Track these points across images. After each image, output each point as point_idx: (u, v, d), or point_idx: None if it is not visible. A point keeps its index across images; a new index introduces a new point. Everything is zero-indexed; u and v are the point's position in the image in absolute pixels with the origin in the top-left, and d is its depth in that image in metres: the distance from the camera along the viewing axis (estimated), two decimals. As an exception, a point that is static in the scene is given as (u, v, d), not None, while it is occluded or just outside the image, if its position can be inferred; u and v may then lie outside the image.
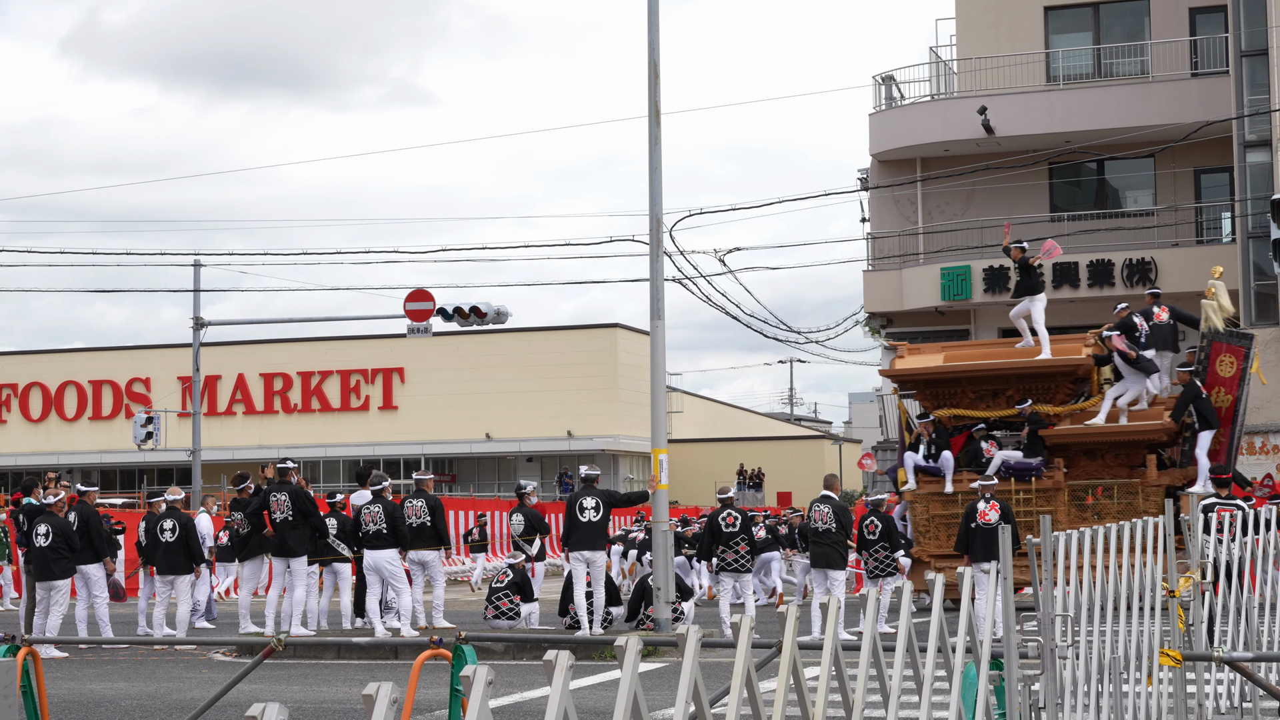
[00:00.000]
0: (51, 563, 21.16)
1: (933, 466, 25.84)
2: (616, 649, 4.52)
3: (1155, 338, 25.48)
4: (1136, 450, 25.05)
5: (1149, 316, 25.51)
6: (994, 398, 25.73)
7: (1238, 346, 24.58)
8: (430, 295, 36.68)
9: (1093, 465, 25.07)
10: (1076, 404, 25.70)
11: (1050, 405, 25.33)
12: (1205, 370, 24.77)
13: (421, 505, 22.29)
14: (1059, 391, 25.47)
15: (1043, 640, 7.75)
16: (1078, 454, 25.38)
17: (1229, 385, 24.36)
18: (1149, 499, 24.49)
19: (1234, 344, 24.63)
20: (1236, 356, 24.43)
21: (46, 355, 75.59)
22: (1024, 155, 40.93)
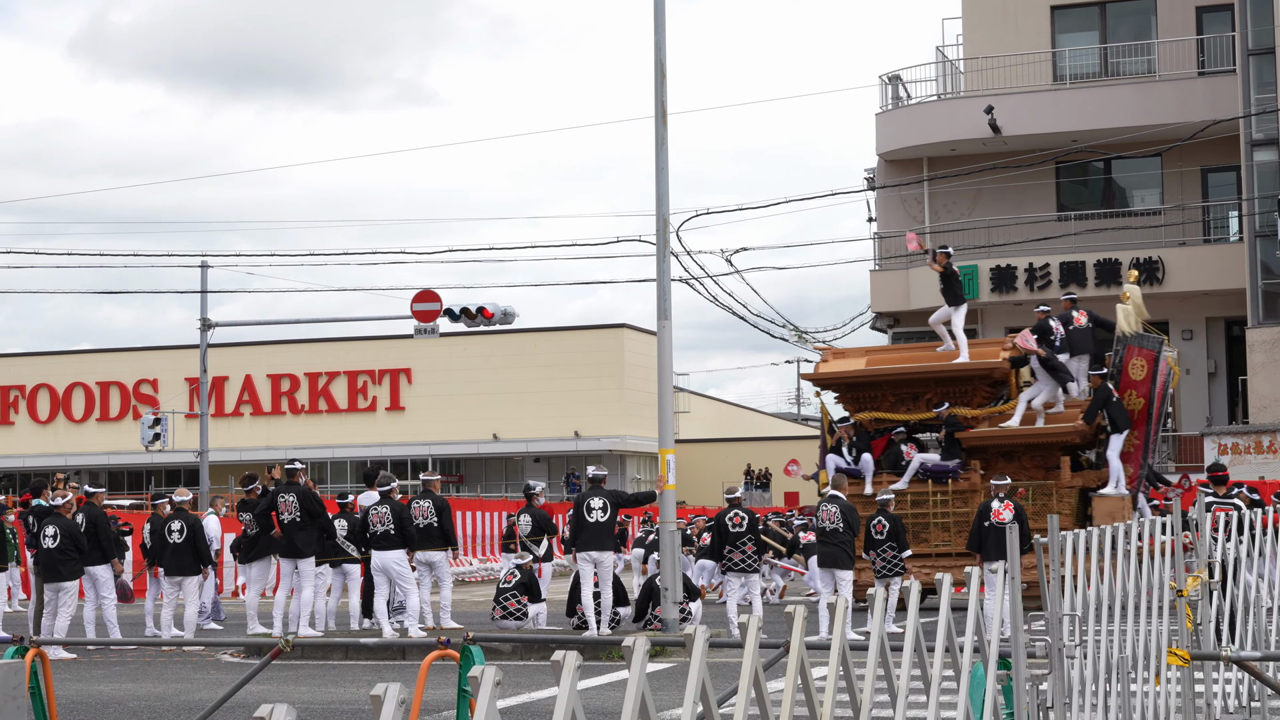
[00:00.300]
0: (59, 564, 21.18)
1: (853, 469, 26.03)
2: (624, 649, 4.53)
3: (1073, 342, 25.75)
4: (1052, 452, 25.30)
5: (1068, 321, 25.81)
6: (914, 401, 26.06)
7: (1148, 350, 24.89)
8: (437, 296, 36.69)
9: (1010, 467, 25.24)
10: (995, 407, 25.96)
11: (968, 408, 25.66)
12: (1119, 373, 25.02)
13: (429, 506, 22.29)
14: (976, 394, 25.78)
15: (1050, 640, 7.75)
16: (995, 456, 25.67)
17: (1141, 388, 24.65)
18: (1063, 500, 24.85)
19: (1145, 347, 24.95)
20: (1147, 360, 24.75)
21: (54, 357, 75.63)
22: (1031, 154, 40.92)
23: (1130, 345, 24.91)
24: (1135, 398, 24.52)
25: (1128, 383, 24.58)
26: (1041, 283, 40.59)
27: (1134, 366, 24.42)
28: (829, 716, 5.34)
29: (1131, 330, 24.96)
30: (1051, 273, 40.57)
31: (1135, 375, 24.38)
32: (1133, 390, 24.51)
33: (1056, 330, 25.62)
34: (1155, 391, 24.77)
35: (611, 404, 67.89)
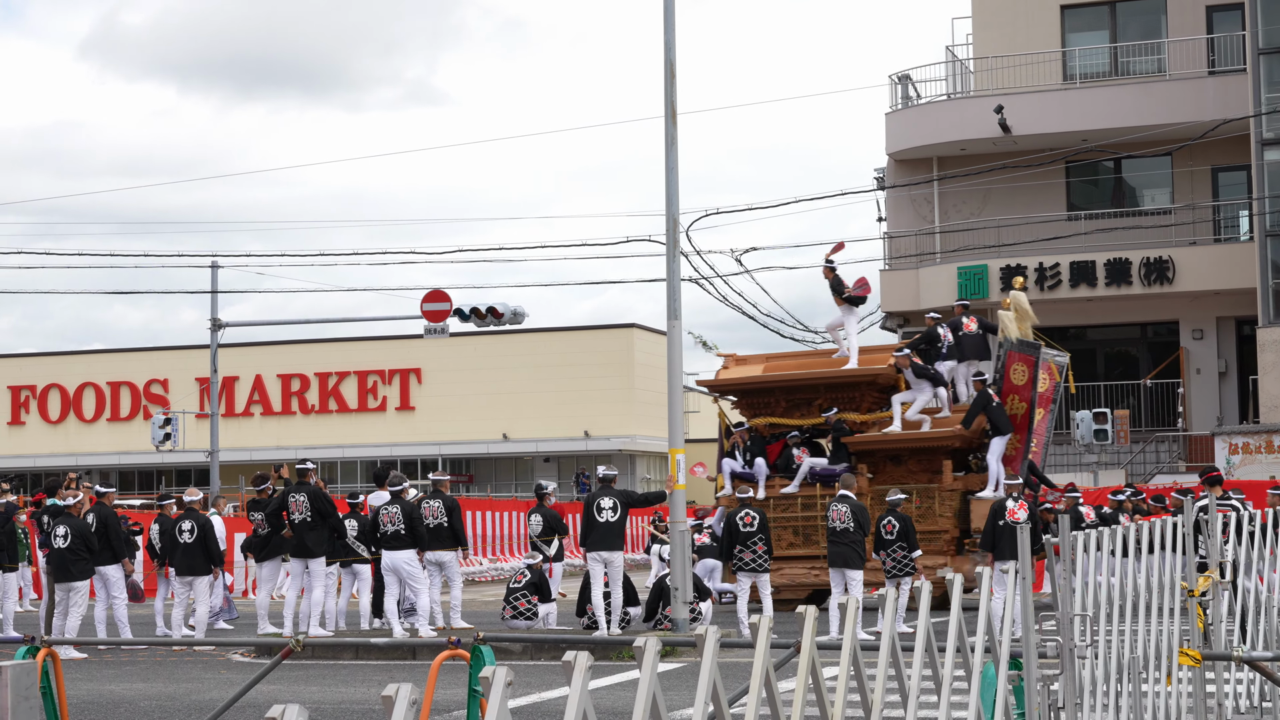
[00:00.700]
0: (70, 564, 21.21)
1: (747, 472, 26.44)
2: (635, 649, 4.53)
3: (963, 348, 26.25)
4: (935, 456, 25.70)
5: (957, 327, 26.34)
6: (806, 406, 26.58)
7: (1029, 355, 25.29)
8: (447, 296, 36.72)
9: (898, 471, 25.75)
10: (884, 412, 26.38)
11: (857, 413, 26.18)
12: (1002, 378, 25.42)
13: (439, 506, 22.30)
14: (864, 400, 26.31)
15: (1062, 640, 7.74)
16: (884, 460, 26.18)
17: (1023, 392, 25.04)
18: (944, 503, 25.37)
19: (1025, 353, 25.35)
20: (1028, 365, 25.15)
21: (65, 357, 75.76)
22: (1041, 154, 40.87)
23: (1012, 351, 25.28)
24: (1018, 402, 24.89)
25: (1010, 388, 24.96)
26: (1051, 282, 40.56)
27: (1015, 371, 24.77)
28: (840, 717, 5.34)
29: (1015, 336, 25.35)
30: (1061, 272, 40.53)
31: (1017, 380, 24.73)
32: (1015, 395, 24.89)
33: (944, 337, 26.15)
34: (1037, 396, 25.18)
35: (621, 404, 67.92)
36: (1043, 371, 25.26)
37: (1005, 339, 25.71)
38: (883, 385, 26.33)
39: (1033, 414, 25.13)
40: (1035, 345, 25.39)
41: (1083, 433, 36.83)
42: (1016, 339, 25.57)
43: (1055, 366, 25.62)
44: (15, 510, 23.88)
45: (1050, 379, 25.31)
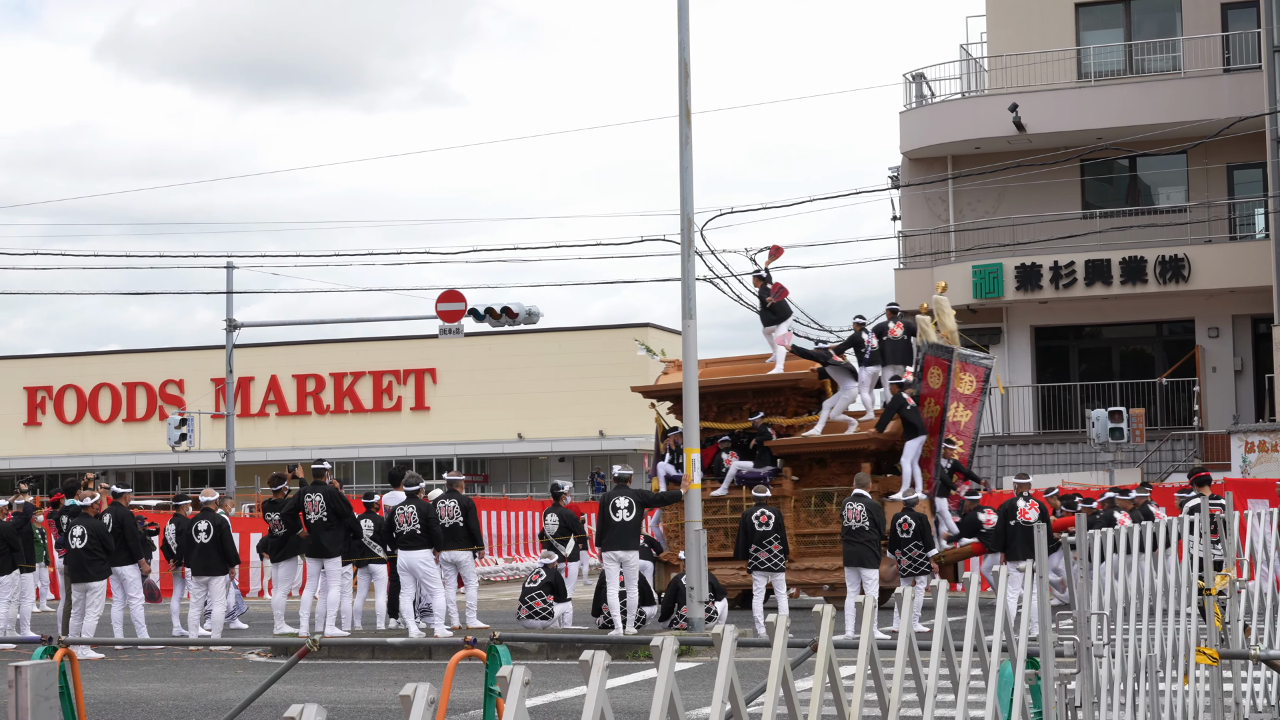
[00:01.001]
0: (87, 564, 21.25)
1: (679, 475, 26.31)
2: (653, 649, 4.53)
3: (885, 352, 26.37)
4: (855, 459, 25.96)
5: (882, 332, 26.49)
6: (736, 411, 27.03)
7: (943, 359, 25.69)
8: (462, 296, 36.77)
9: (823, 473, 26.08)
10: (812, 415, 26.74)
11: (783, 417, 26.57)
12: (920, 381, 25.80)
13: (454, 506, 22.31)
14: (790, 404, 26.71)
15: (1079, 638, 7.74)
16: (809, 463, 26.56)
17: (939, 396, 25.48)
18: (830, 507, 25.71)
19: (939, 356, 25.75)
20: (942, 368, 25.58)
21: (81, 358, 75.90)
22: (1055, 152, 40.82)
23: (928, 355, 25.67)
24: (934, 405, 25.31)
25: (927, 391, 25.36)
26: (1067, 281, 40.51)
27: (932, 375, 25.12)
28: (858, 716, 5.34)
29: (933, 339, 25.73)
30: (1077, 271, 40.48)
31: (933, 384, 25.11)
32: (931, 398, 25.31)
33: (869, 342, 26.36)
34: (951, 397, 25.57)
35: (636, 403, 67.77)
36: (969, 374, 25.55)
37: (923, 342, 26.03)
38: (806, 389, 26.70)
39: (944, 417, 25.49)
40: (948, 349, 25.68)
41: (1098, 431, 36.78)
42: (930, 343, 25.86)
43: (982, 369, 25.85)
44: (33, 511, 23.94)
45: (976, 381, 25.53)
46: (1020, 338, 42.99)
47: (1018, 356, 42.89)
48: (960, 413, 25.57)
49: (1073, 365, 43.42)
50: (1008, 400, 42.28)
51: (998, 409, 42.26)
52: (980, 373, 25.48)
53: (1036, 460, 40.66)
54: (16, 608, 23.42)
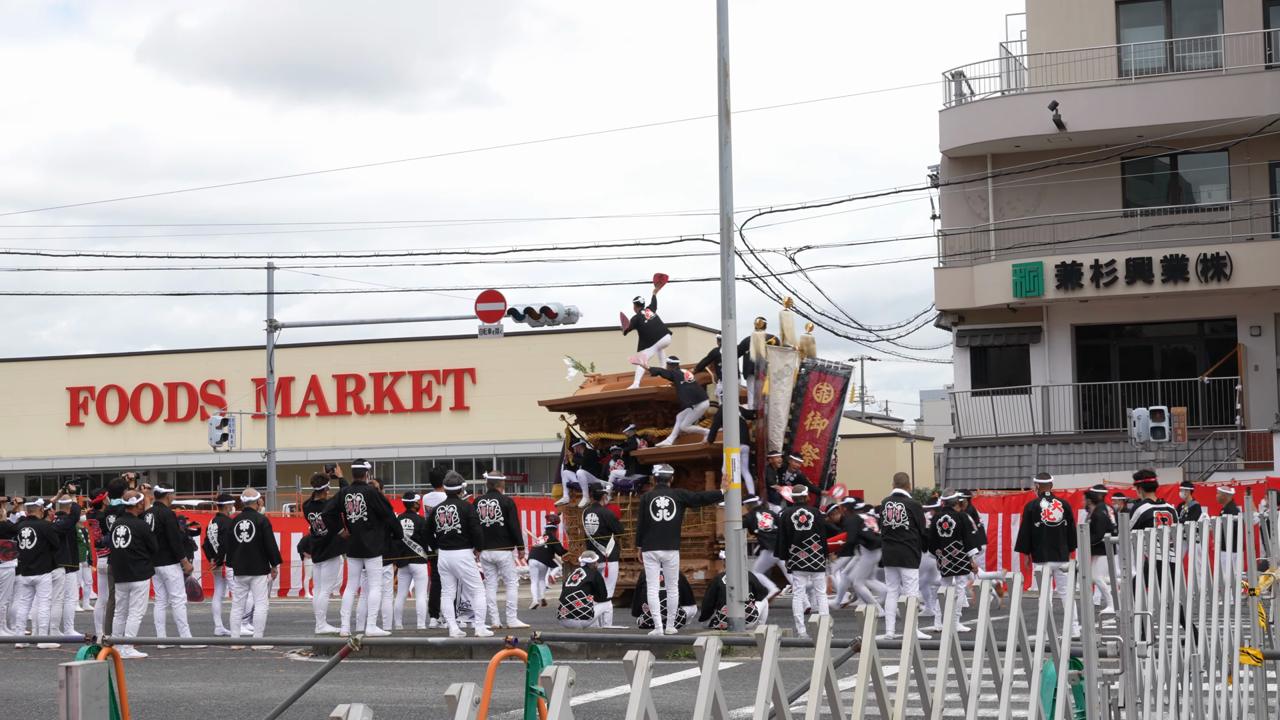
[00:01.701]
0: (130, 564, 21.38)
1: (576, 481, 28.22)
2: (696, 649, 4.54)
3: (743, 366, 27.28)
4: (700, 468, 27.00)
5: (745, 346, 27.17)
6: (621, 423, 28.47)
7: (835, 376, 26.66)
8: (501, 296, 36.85)
9: (687, 481, 26.77)
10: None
11: (654, 428, 27.86)
12: (803, 396, 26.59)
13: (495, 506, 22.38)
14: (658, 416, 27.97)
15: (1122, 639, 7.71)
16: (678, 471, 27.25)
17: (825, 410, 26.36)
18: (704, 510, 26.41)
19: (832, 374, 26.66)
20: (834, 385, 26.53)
21: (123, 358, 76.23)
22: (1096, 150, 40.66)
23: (814, 371, 26.41)
24: (818, 418, 26.17)
25: (811, 404, 26.15)
26: (1107, 279, 40.34)
27: (819, 390, 25.86)
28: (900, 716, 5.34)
29: (764, 355, 26.39)
30: (1117, 269, 40.30)
31: (820, 399, 25.88)
32: (816, 412, 26.12)
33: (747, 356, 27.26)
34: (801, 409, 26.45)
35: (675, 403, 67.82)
36: (827, 384, 26.35)
37: (760, 357, 26.72)
38: (673, 403, 27.71)
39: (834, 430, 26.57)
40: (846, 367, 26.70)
41: (1139, 430, 36.63)
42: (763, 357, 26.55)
43: (840, 378, 26.64)
44: (77, 512, 24.10)
45: (834, 391, 26.32)
46: (1061, 337, 42.83)
47: (1058, 355, 42.74)
48: (817, 421, 26.37)
49: (1114, 364, 43.23)
50: (1048, 399, 42.15)
51: (1038, 408, 42.13)
52: (838, 382, 26.20)
53: (1077, 460, 40.52)
54: (60, 607, 23.58)
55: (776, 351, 26.07)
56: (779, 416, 26.14)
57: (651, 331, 28.53)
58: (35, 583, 23.18)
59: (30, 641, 21.53)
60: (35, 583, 23.18)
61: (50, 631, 22.86)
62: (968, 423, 43.32)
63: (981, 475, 41.55)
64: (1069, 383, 42.54)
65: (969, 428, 43.23)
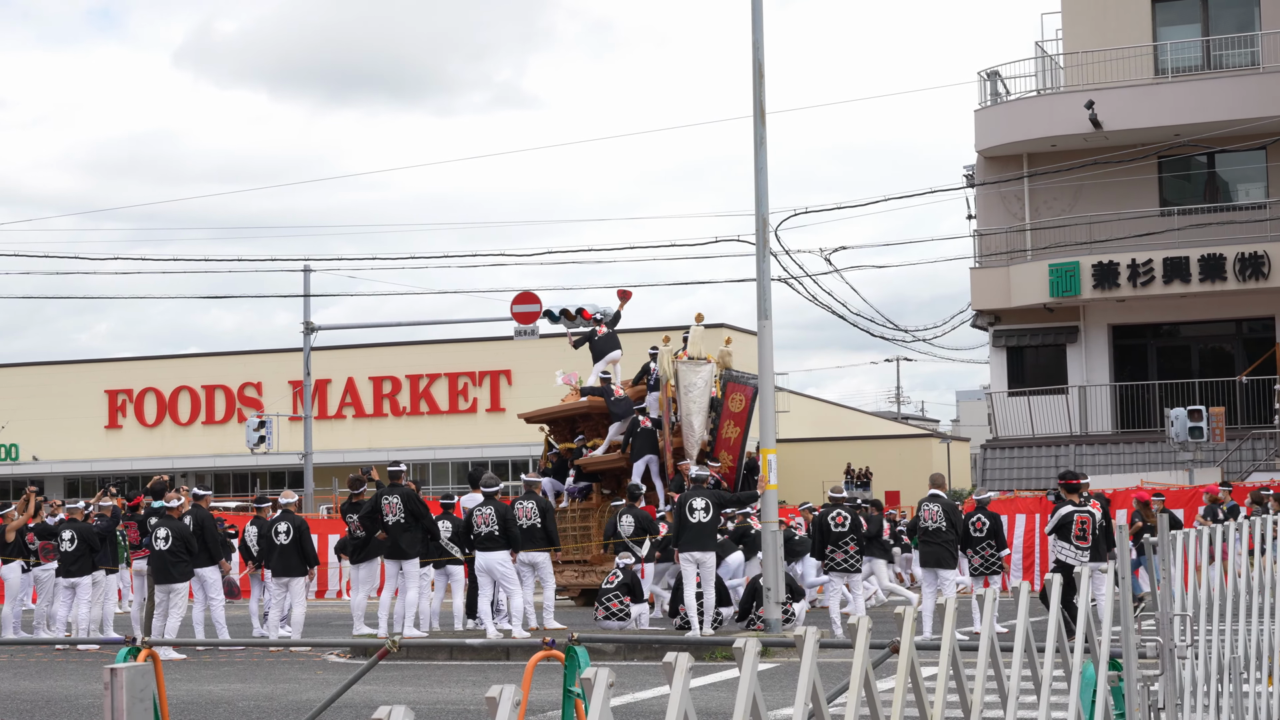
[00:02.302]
0: (170, 566, 21.47)
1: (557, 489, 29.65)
2: (735, 650, 4.54)
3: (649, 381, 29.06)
4: (626, 476, 28.28)
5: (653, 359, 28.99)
6: (576, 434, 30.08)
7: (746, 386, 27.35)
8: (537, 298, 36.91)
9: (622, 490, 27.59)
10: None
11: (600, 439, 29.29)
12: (721, 405, 27.63)
13: (532, 507, 22.41)
14: (601, 428, 29.40)
15: (1162, 640, 7.69)
16: (611, 478, 29.25)
17: (738, 419, 27.16)
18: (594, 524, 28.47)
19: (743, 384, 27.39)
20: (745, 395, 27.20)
21: (161, 361, 76.55)
22: (1132, 149, 40.52)
23: (730, 381, 27.39)
24: (733, 427, 27.09)
25: (727, 414, 27.11)
26: (1144, 279, 40.19)
27: (733, 400, 26.77)
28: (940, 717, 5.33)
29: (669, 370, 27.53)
30: (1155, 269, 40.14)
31: (734, 408, 26.73)
32: (731, 420, 27.04)
33: (653, 369, 28.86)
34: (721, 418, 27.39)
35: (711, 404, 67.78)
36: (738, 393, 27.14)
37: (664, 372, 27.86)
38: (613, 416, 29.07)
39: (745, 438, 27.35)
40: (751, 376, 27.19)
41: (1177, 430, 36.48)
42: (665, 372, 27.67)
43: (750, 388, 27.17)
44: (118, 515, 24.21)
45: (745, 400, 27.01)
46: (1097, 336, 42.69)
47: (1095, 355, 42.60)
48: (731, 430, 27.24)
49: (1151, 364, 43.06)
50: (1085, 399, 42.03)
51: (1075, 409, 42.00)
52: (748, 391, 26.81)
53: (1115, 460, 40.38)
54: (100, 609, 23.69)
55: (688, 365, 27.00)
56: (693, 426, 27.11)
57: (601, 346, 30.01)
58: (75, 585, 23.29)
59: (70, 643, 21.63)
60: (75, 585, 23.29)
61: (90, 633, 22.97)
62: (1004, 423, 43.22)
63: (1018, 476, 41.45)
64: (1106, 383, 42.40)
65: (1005, 428, 43.13)
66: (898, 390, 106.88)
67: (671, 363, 26.96)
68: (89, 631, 23.04)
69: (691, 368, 26.89)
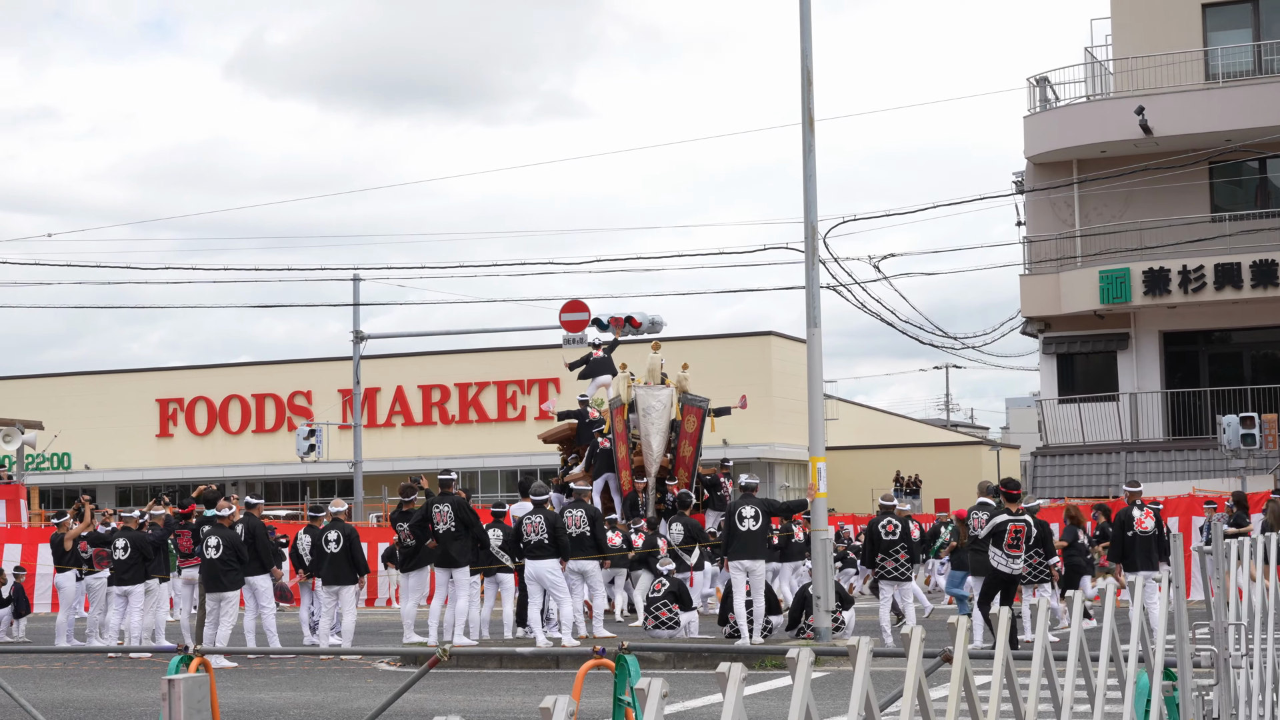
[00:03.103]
0: (222, 574, 21.57)
1: None
2: (788, 660, 4.54)
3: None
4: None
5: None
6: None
7: (696, 407, 28.68)
8: (585, 306, 36.93)
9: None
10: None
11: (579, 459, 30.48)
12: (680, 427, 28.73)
13: (581, 515, 22.44)
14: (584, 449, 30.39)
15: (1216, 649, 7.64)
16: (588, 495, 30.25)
17: (691, 439, 28.45)
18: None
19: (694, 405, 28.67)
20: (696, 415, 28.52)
21: (211, 370, 76.96)
22: (1183, 155, 40.30)
23: (685, 404, 28.48)
24: (687, 446, 28.22)
25: (683, 434, 28.14)
26: (1195, 285, 39.97)
27: (687, 420, 27.90)
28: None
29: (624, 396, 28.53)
30: (1206, 275, 39.92)
31: (688, 428, 27.90)
32: (685, 440, 28.14)
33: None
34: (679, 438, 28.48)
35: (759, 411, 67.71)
36: (691, 414, 28.19)
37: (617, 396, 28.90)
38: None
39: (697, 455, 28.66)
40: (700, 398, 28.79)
41: (1229, 438, 36.25)
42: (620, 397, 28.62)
43: (699, 408, 28.53)
44: (170, 524, 24.33)
45: (696, 420, 28.15)
46: (1148, 343, 42.48)
47: (1146, 362, 42.38)
48: (686, 449, 28.31)
49: (1203, 370, 42.80)
50: (1136, 406, 41.81)
51: (1126, 416, 41.80)
52: (699, 412, 28.16)
53: (1166, 467, 40.16)
54: (153, 617, 23.81)
55: (646, 390, 27.92)
56: (651, 446, 27.99)
57: (594, 370, 30.98)
58: (128, 593, 23.42)
59: (122, 651, 21.76)
60: (128, 593, 23.42)
61: (142, 642, 23.09)
62: (1055, 430, 43.04)
63: (1069, 483, 41.26)
64: (1157, 389, 42.17)
65: (1056, 435, 42.94)
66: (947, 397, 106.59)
67: (629, 387, 28.05)
68: (141, 640, 23.15)
69: (650, 392, 27.92)
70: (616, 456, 27.60)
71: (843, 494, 66.27)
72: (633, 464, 28.14)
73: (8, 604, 27.63)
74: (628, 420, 28.28)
